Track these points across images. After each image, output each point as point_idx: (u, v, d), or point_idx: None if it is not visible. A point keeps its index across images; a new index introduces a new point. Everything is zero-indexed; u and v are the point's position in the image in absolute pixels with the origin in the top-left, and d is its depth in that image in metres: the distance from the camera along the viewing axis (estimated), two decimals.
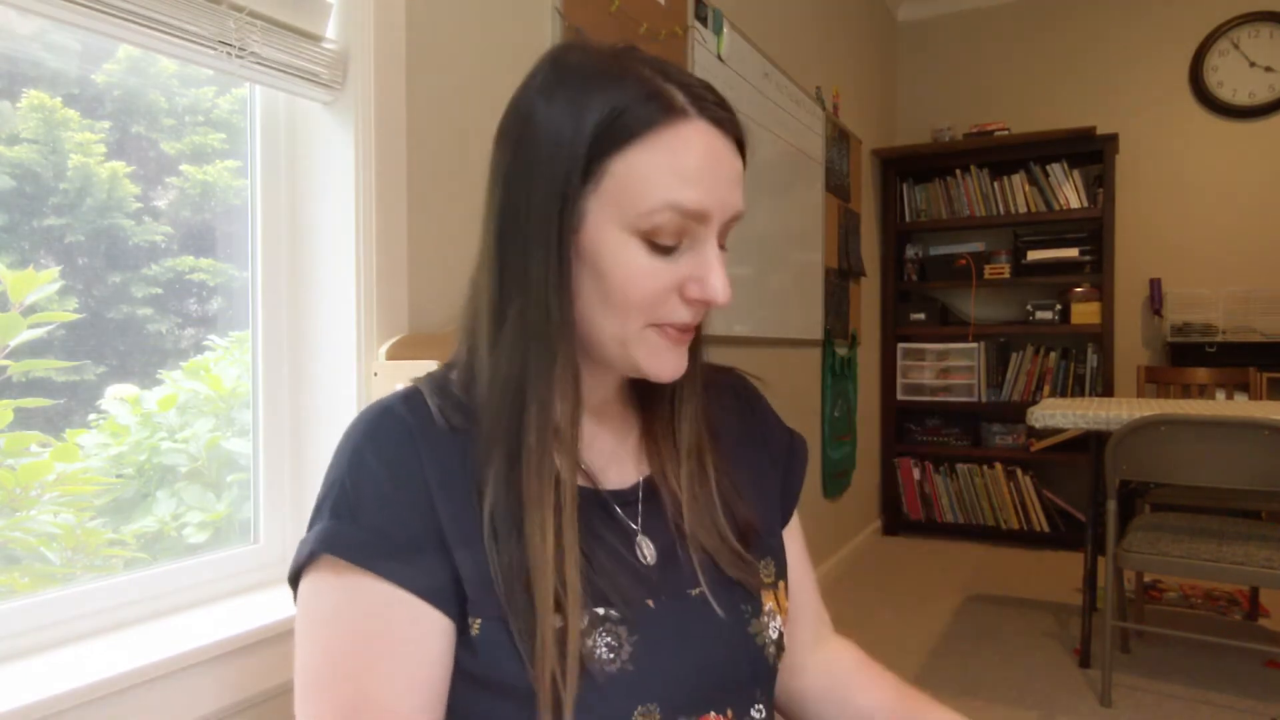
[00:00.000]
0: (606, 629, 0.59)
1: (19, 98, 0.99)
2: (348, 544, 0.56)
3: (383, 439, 0.59)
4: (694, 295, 0.59)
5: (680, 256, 0.59)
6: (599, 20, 1.85)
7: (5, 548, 0.99)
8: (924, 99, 4.41)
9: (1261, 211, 3.72)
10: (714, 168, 0.58)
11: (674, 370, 0.62)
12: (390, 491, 0.57)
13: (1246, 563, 2.10)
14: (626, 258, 0.58)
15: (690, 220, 0.58)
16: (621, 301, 0.58)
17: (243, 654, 1.03)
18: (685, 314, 0.60)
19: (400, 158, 1.30)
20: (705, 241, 0.59)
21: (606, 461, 0.67)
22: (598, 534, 0.63)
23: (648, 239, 0.58)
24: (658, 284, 0.58)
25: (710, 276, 0.59)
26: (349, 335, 1.24)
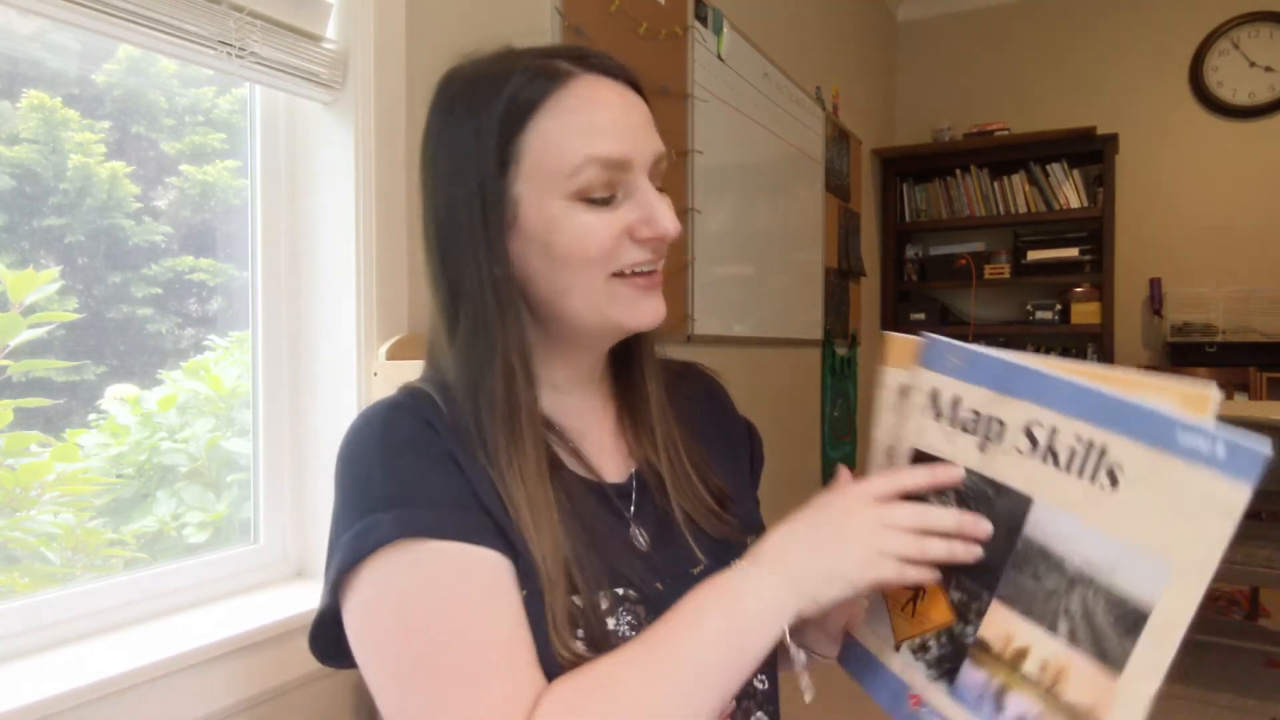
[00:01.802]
0: (626, 608, 0.60)
1: (19, 98, 0.99)
2: (424, 524, 0.54)
3: (402, 424, 0.59)
4: (644, 235, 0.61)
5: (620, 206, 0.61)
6: (599, 20, 1.85)
7: (5, 548, 0.99)
8: (924, 99, 4.41)
9: (1261, 211, 3.72)
10: (620, 115, 0.60)
11: (653, 316, 0.64)
12: (428, 467, 0.58)
13: (1246, 563, 2.10)
14: (570, 221, 0.59)
15: (615, 170, 0.59)
16: (578, 261, 0.60)
17: (243, 654, 1.03)
18: (640, 254, 0.62)
19: (400, 158, 1.30)
20: (639, 186, 0.61)
21: (601, 456, 0.69)
22: (602, 522, 0.64)
23: (582, 198, 0.59)
24: (607, 234, 0.60)
25: (654, 214, 0.61)
26: (349, 335, 1.24)
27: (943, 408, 0.52)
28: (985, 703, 0.51)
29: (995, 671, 0.51)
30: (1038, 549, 0.49)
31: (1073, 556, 0.48)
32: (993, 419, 0.51)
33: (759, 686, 0.68)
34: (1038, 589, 0.49)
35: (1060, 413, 0.48)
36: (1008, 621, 0.51)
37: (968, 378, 0.51)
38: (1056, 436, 0.48)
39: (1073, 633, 0.48)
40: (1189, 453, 0.43)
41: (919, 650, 0.55)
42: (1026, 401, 0.49)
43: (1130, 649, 0.46)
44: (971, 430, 0.52)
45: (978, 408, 0.51)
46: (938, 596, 0.54)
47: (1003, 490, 0.51)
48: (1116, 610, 0.47)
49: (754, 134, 2.66)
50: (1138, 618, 0.46)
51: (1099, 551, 0.47)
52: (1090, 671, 0.47)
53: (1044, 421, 0.49)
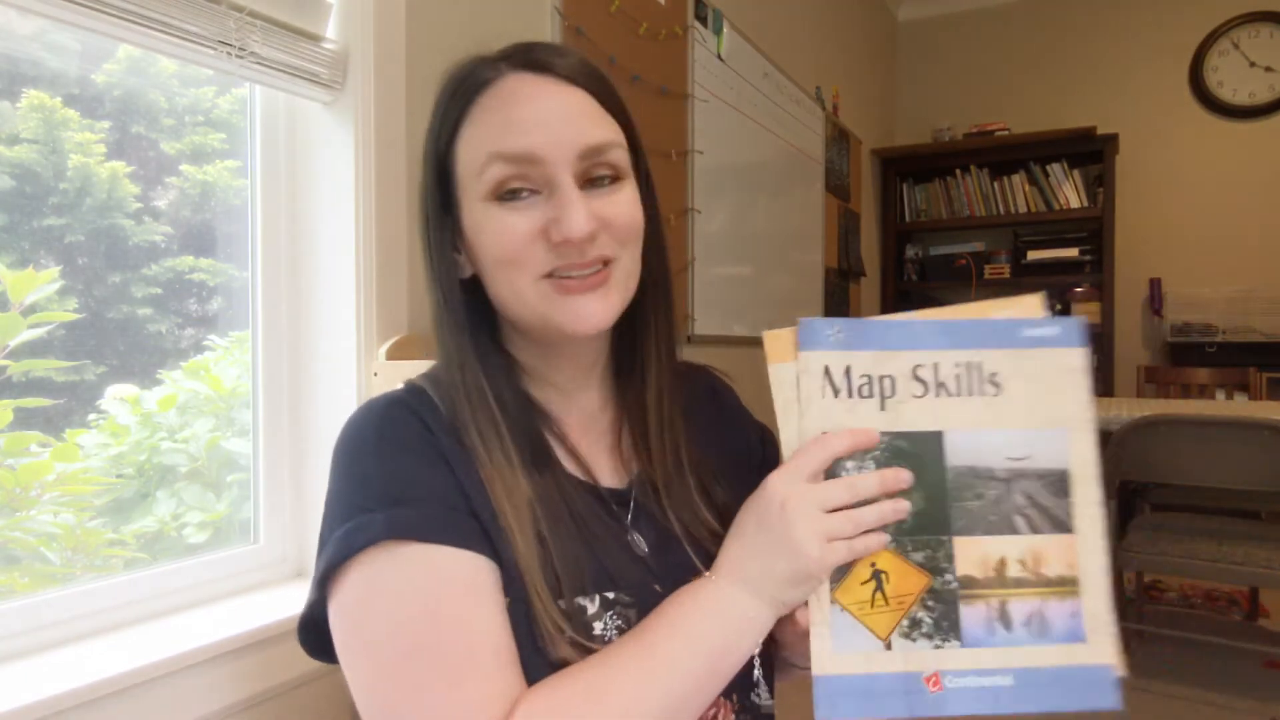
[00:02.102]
0: (617, 612, 0.59)
1: (19, 98, 0.99)
2: (411, 525, 0.55)
3: (396, 423, 0.60)
4: (554, 237, 0.58)
5: (537, 207, 0.59)
6: (599, 20, 1.85)
7: (5, 548, 0.99)
8: (924, 99, 4.41)
9: (1261, 211, 3.72)
10: (534, 108, 0.59)
11: (589, 319, 0.60)
12: (423, 467, 0.58)
13: (1246, 563, 2.10)
14: (487, 224, 0.60)
15: (525, 165, 0.58)
16: (499, 263, 0.60)
17: (243, 654, 1.03)
18: (560, 259, 0.59)
19: (400, 157, 1.30)
20: (558, 183, 0.59)
21: (601, 459, 0.69)
22: (597, 524, 0.64)
23: (495, 198, 0.59)
24: (517, 235, 0.59)
25: (562, 215, 0.58)
26: (349, 335, 1.24)
27: (837, 382, 0.55)
28: (996, 628, 0.54)
29: (990, 595, 0.55)
30: (966, 471, 0.55)
31: (998, 462, 0.55)
32: (884, 376, 0.56)
33: (756, 701, 0.66)
34: (984, 505, 0.55)
35: (936, 349, 0.56)
36: (977, 547, 0.55)
37: (850, 345, 0.55)
38: (940, 370, 0.56)
39: (1030, 522, 0.55)
40: (1037, 341, 0.56)
41: (912, 630, 0.55)
42: (906, 350, 0.56)
43: (1069, 505, 0.55)
44: (869, 394, 0.55)
45: (867, 370, 0.55)
46: (901, 568, 0.55)
47: (914, 437, 0.55)
48: (1048, 484, 0.55)
49: (754, 134, 2.66)
50: (1063, 478, 0.55)
51: (1014, 447, 0.55)
52: (1055, 543, 0.55)
53: (925, 362, 0.56)
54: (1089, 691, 0.55)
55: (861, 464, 0.55)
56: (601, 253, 0.60)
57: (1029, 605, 0.54)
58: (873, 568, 0.55)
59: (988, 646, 0.54)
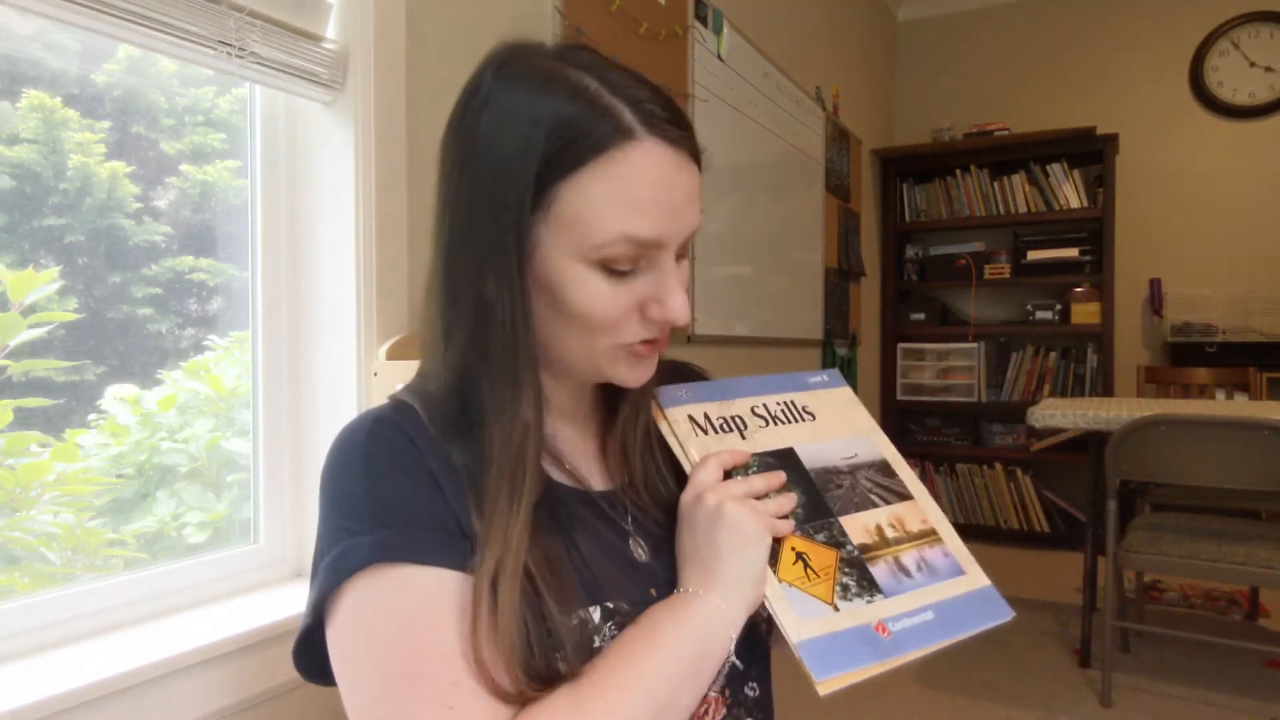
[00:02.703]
0: (617, 622, 0.59)
1: (19, 98, 0.99)
2: (400, 548, 0.55)
3: (384, 442, 0.59)
4: (654, 316, 0.60)
5: (638, 278, 0.59)
6: (599, 20, 1.85)
7: (5, 548, 0.99)
8: (924, 99, 4.41)
9: (1261, 211, 3.72)
10: (668, 193, 0.57)
11: (645, 378, 0.65)
12: (410, 487, 0.57)
13: (1246, 563, 2.10)
14: (583, 285, 0.58)
15: (646, 248, 0.58)
16: (584, 326, 0.59)
17: (243, 654, 1.03)
18: (647, 333, 0.61)
19: (400, 158, 1.30)
20: (663, 262, 0.59)
21: (589, 466, 0.69)
22: (594, 532, 0.64)
23: (603, 267, 0.58)
24: (616, 308, 0.59)
25: (669, 297, 0.60)
26: (349, 335, 1.24)
27: (702, 424, 0.69)
28: (901, 577, 0.65)
29: (885, 553, 0.66)
30: (821, 471, 0.70)
31: (839, 462, 0.71)
32: (734, 416, 0.70)
33: (750, 694, 0.67)
34: (845, 492, 0.69)
35: (760, 395, 0.73)
36: (858, 521, 0.68)
37: (698, 399, 0.70)
38: (770, 408, 0.73)
39: (881, 497, 0.70)
40: (820, 384, 0.78)
41: (845, 593, 0.63)
42: (739, 398, 0.72)
43: (898, 480, 0.73)
44: (729, 429, 0.69)
45: (721, 414, 0.70)
46: (813, 547, 0.64)
47: (776, 454, 0.69)
48: (877, 469, 0.73)
49: (754, 134, 2.66)
50: (885, 464, 0.74)
51: (843, 451, 0.72)
52: (905, 508, 0.71)
53: (757, 404, 0.72)
54: (989, 609, 0.69)
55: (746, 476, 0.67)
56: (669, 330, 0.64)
57: (913, 555, 0.67)
58: (794, 551, 0.63)
59: (903, 593, 0.64)
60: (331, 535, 0.57)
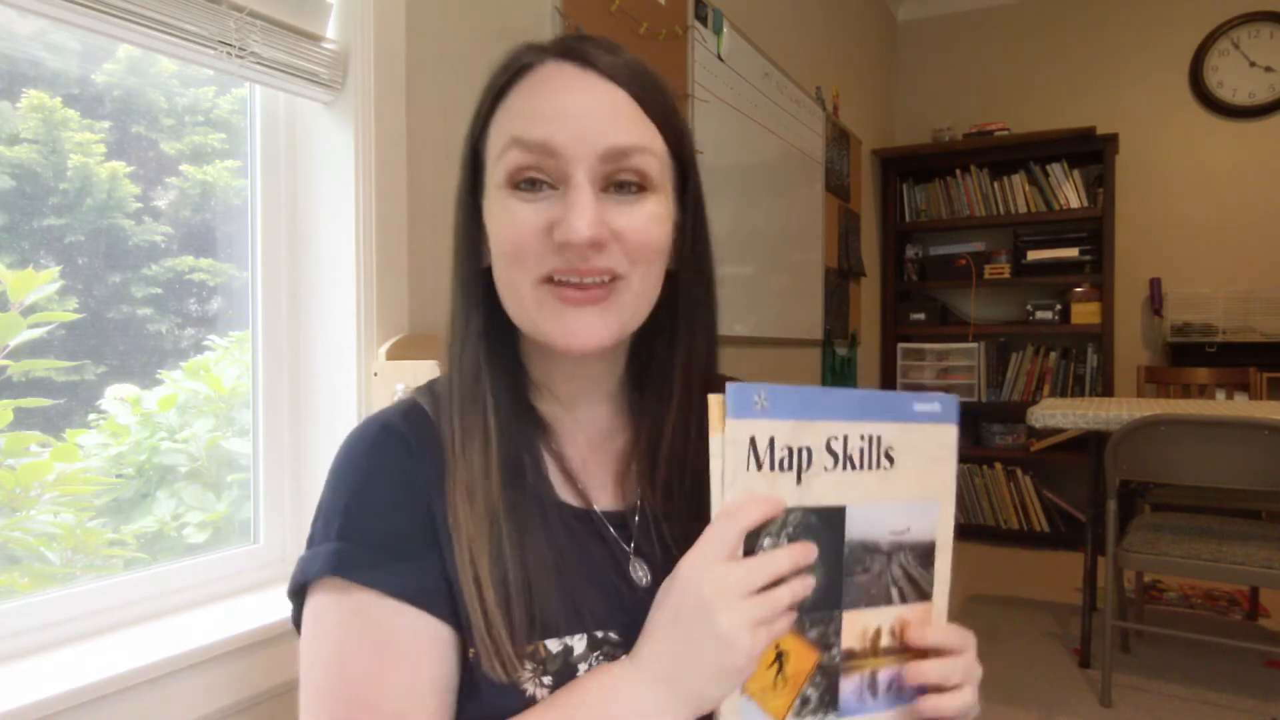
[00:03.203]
0: (605, 653, 0.57)
1: (19, 98, 0.99)
2: (360, 568, 0.54)
3: (386, 456, 0.58)
4: (557, 238, 0.55)
5: (552, 199, 0.56)
6: (599, 20, 1.85)
7: (5, 548, 0.99)
8: (924, 99, 4.41)
9: (1261, 211, 3.72)
10: (562, 98, 0.56)
11: (583, 334, 0.57)
12: (395, 510, 0.56)
13: (1246, 563, 2.10)
14: (500, 210, 0.57)
15: (541, 155, 0.55)
16: (502, 255, 0.57)
17: (243, 654, 1.03)
18: (558, 259, 0.56)
19: (400, 158, 1.30)
20: (572, 180, 0.55)
21: (605, 481, 0.65)
22: (589, 555, 0.61)
23: (510, 185, 0.57)
24: (525, 228, 0.56)
25: (568, 214, 0.54)
26: (349, 335, 1.24)
27: (761, 454, 0.53)
28: (866, 696, 0.57)
29: (865, 665, 0.57)
30: (859, 546, 0.56)
31: (883, 535, 0.57)
32: (802, 448, 0.54)
33: None
34: (869, 578, 0.56)
35: (847, 420, 0.56)
36: (859, 619, 0.56)
37: (773, 414, 0.53)
38: (849, 442, 0.56)
39: (901, 593, 0.58)
40: (923, 416, 0.58)
41: (802, 708, 0.54)
42: (822, 420, 0.55)
43: (931, 574, 0.59)
44: (788, 467, 0.54)
45: (789, 441, 0.54)
46: (798, 647, 0.54)
47: (822, 512, 0.55)
48: (918, 555, 0.58)
49: (754, 134, 2.66)
50: (929, 549, 0.59)
51: (898, 520, 0.57)
52: (915, 610, 0.58)
53: (838, 433, 0.55)
54: None
55: (776, 540, 0.53)
56: (609, 265, 0.56)
57: (891, 672, 0.58)
58: (777, 649, 0.53)
59: (861, 714, 0.57)
60: (312, 534, 0.59)
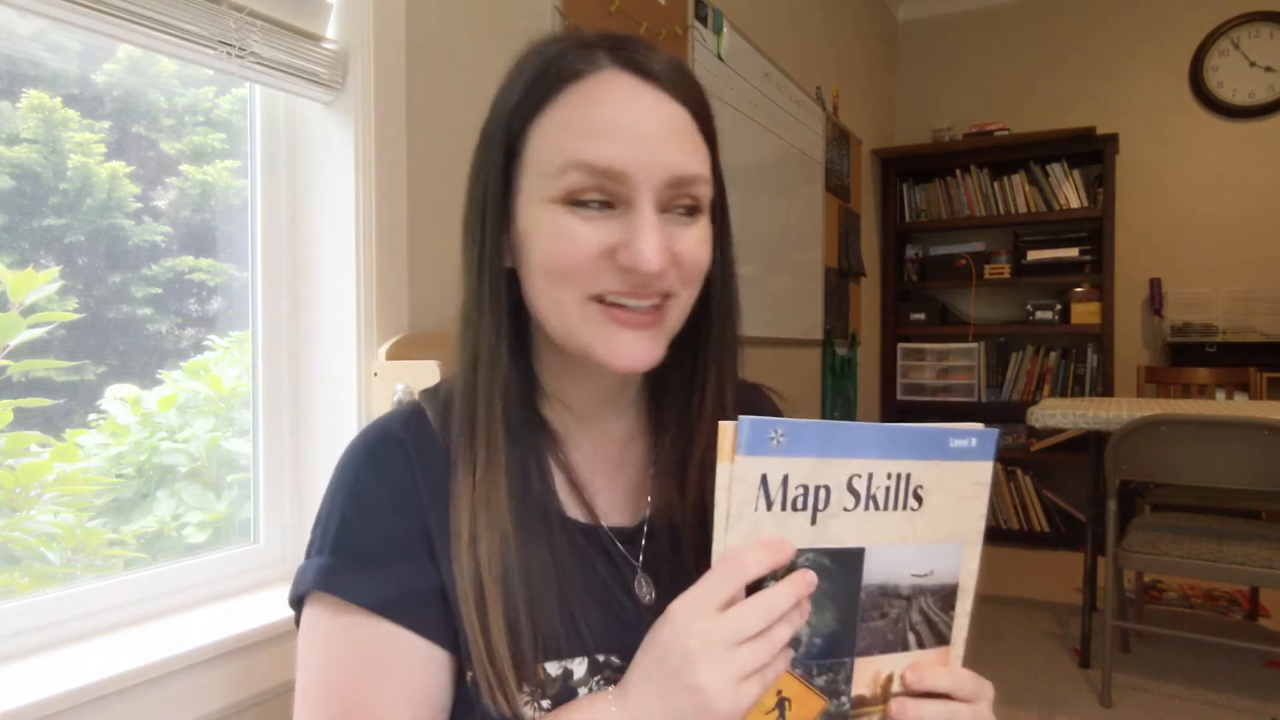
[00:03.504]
0: (605, 677, 0.55)
1: (19, 98, 0.99)
2: (347, 583, 0.54)
3: (383, 468, 0.57)
4: (624, 262, 0.52)
5: (610, 221, 0.53)
6: (599, 20, 1.85)
7: (5, 548, 0.99)
8: (924, 99, 4.41)
9: (1261, 211, 3.72)
10: (628, 119, 0.52)
11: (629, 356, 0.55)
12: (391, 527, 0.56)
13: (1246, 563, 2.10)
14: (549, 225, 0.53)
15: (607, 180, 0.52)
16: (550, 271, 0.54)
17: (243, 654, 1.03)
18: (622, 284, 0.54)
19: (400, 158, 1.30)
20: (636, 204, 0.53)
21: (614, 494, 0.64)
22: (593, 571, 0.59)
23: (567, 203, 0.53)
24: (585, 248, 0.53)
25: (636, 240, 0.52)
26: (349, 335, 1.24)
27: (772, 493, 0.49)
28: None
29: (873, 712, 0.54)
30: (877, 590, 0.52)
31: (904, 579, 0.53)
32: (819, 487, 0.50)
33: None
34: (886, 624, 0.53)
35: (872, 458, 0.51)
36: (872, 665, 0.53)
37: (790, 452, 0.49)
38: (873, 481, 0.51)
39: (919, 638, 0.55)
40: (960, 453, 0.54)
41: None
42: (844, 458, 0.51)
43: (952, 618, 0.56)
44: (802, 507, 0.50)
45: (805, 480, 0.50)
46: (803, 693, 0.51)
47: (838, 554, 0.51)
48: (939, 598, 0.55)
49: (754, 134, 2.66)
50: (951, 592, 0.55)
51: (921, 563, 0.54)
52: (931, 655, 0.55)
53: (861, 471, 0.51)
54: None
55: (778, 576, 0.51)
56: (665, 287, 0.55)
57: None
58: (778, 695, 0.51)
59: None
60: (310, 542, 0.59)
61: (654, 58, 0.55)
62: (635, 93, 0.54)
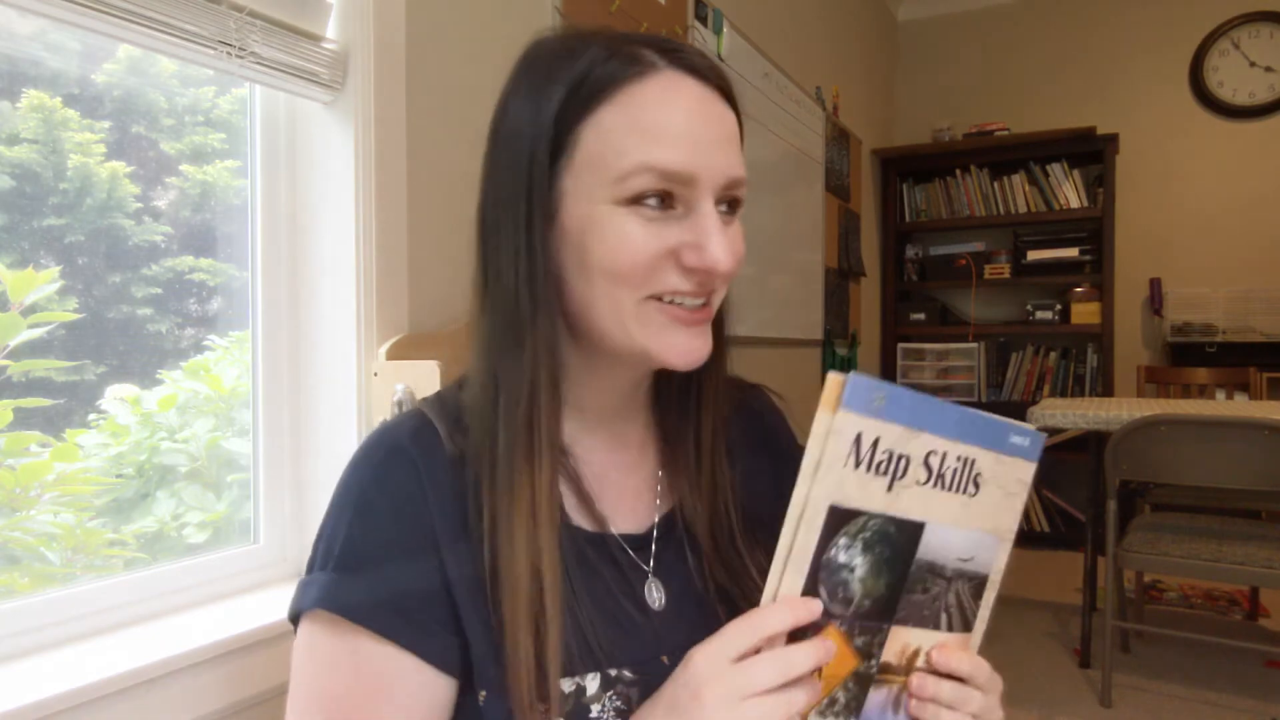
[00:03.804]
0: (618, 692, 0.55)
1: (19, 98, 0.99)
2: (348, 602, 0.53)
3: (392, 487, 0.55)
4: (691, 263, 0.53)
5: (674, 221, 0.53)
6: (599, 19, 1.85)
7: (5, 548, 0.99)
8: (924, 99, 4.41)
9: (1261, 211, 3.72)
10: (696, 124, 0.53)
11: (688, 353, 0.55)
12: (396, 546, 0.55)
13: (1246, 563, 2.10)
14: (611, 228, 0.53)
15: (675, 183, 0.52)
16: (610, 272, 0.53)
17: (243, 654, 1.03)
18: (684, 284, 0.54)
19: (400, 158, 1.30)
20: (700, 205, 0.53)
21: (621, 499, 0.63)
22: (601, 581, 0.58)
23: (632, 206, 0.53)
24: (648, 250, 0.53)
25: (707, 241, 0.53)
26: (349, 335, 1.24)
27: (863, 453, 0.50)
28: (887, 711, 0.55)
29: (895, 681, 0.55)
30: (926, 566, 0.54)
31: (950, 560, 0.55)
32: (901, 456, 0.51)
33: None
34: (926, 599, 0.55)
35: (950, 438, 0.53)
36: (902, 636, 0.55)
37: (886, 415, 0.50)
38: (945, 460, 0.53)
39: (950, 620, 0.57)
40: (1015, 449, 0.56)
41: (827, 709, 0.52)
42: (929, 433, 0.52)
43: (979, 608, 0.58)
44: (884, 472, 0.51)
45: (891, 447, 0.51)
46: (843, 650, 0.52)
47: (903, 524, 0.53)
48: (973, 586, 0.57)
49: (754, 134, 2.66)
50: (983, 582, 0.58)
51: (964, 548, 0.56)
52: (954, 639, 0.57)
53: (938, 449, 0.52)
54: None
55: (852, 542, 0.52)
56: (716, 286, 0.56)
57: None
58: None
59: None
60: (310, 561, 0.58)
61: (705, 62, 0.56)
62: (698, 97, 0.54)
